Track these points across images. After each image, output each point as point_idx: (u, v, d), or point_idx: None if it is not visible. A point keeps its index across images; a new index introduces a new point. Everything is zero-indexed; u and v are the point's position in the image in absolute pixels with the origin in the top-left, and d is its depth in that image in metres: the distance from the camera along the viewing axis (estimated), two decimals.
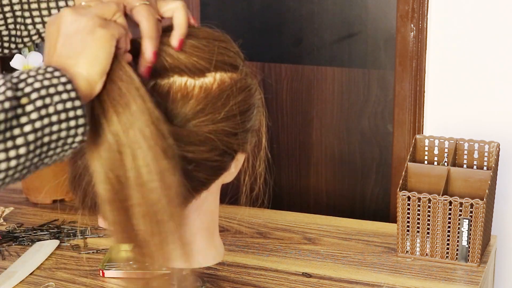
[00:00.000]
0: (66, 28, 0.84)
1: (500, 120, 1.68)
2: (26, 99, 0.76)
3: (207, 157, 0.95)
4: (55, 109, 0.78)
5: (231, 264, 1.41)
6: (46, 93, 0.78)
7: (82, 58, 0.82)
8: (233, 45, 1.00)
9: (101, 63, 0.83)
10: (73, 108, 0.79)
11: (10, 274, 1.36)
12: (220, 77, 0.97)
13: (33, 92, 0.77)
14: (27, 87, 0.77)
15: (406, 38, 1.72)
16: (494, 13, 1.64)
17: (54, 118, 0.78)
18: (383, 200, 1.92)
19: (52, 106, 0.78)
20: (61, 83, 0.79)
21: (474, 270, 1.40)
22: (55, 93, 0.78)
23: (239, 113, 0.97)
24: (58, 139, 0.79)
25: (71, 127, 0.79)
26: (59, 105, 0.78)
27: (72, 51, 0.83)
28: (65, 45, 0.83)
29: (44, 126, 0.77)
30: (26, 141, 0.76)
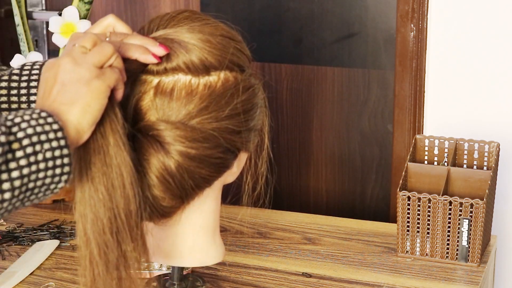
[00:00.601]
0: (64, 76, 0.85)
1: (500, 120, 1.68)
2: (17, 144, 0.77)
3: (210, 153, 0.95)
4: (44, 157, 0.79)
5: (231, 264, 1.41)
6: (37, 140, 0.79)
7: (75, 107, 0.84)
8: (245, 46, 1.01)
9: (93, 114, 0.85)
10: (61, 156, 0.81)
11: (10, 274, 1.36)
12: (224, 75, 0.97)
13: (25, 138, 0.78)
14: (20, 132, 0.78)
15: (406, 38, 1.73)
16: (494, 13, 1.64)
17: (42, 166, 0.79)
18: (383, 200, 1.92)
19: (41, 154, 0.79)
20: (52, 130, 0.80)
21: (474, 270, 1.40)
22: (46, 140, 0.79)
23: (243, 111, 0.97)
24: (42, 185, 0.81)
25: (56, 174, 0.81)
26: (48, 153, 0.79)
27: (66, 98, 0.84)
28: (61, 93, 0.84)
29: (31, 173, 0.78)
30: (12, 187, 0.77)
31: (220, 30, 0.98)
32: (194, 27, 0.96)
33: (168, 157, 0.93)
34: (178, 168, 0.94)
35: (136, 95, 0.95)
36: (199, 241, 1.05)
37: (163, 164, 0.93)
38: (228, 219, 1.59)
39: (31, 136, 0.78)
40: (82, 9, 1.63)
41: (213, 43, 0.96)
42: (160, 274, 1.25)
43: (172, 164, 0.93)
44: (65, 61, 0.85)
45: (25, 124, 0.79)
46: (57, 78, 0.85)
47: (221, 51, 0.96)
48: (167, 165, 0.93)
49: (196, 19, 0.98)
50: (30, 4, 2.08)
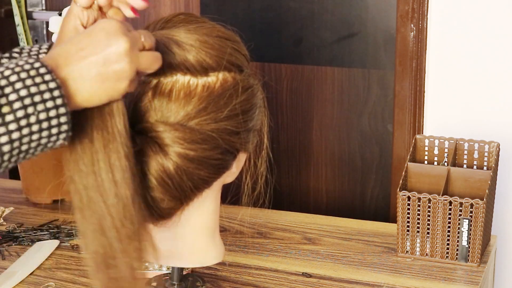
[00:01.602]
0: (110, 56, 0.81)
1: (500, 120, 1.68)
2: (7, 108, 0.76)
3: (209, 155, 0.95)
4: (37, 119, 0.77)
5: (231, 264, 1.41)
6: (30, 102, 0.77)
7: (88, 85, 0.81)
8: (243, 46, 1.01)
9: (99, 99, 0.83)
10: (57, 116, 0.78)
11: (10, 274, 1.36)
12: (223, 76, 0.97)
13: (17, 101, 0.76)
14: (12, 94, 0.76)
15: (406, 38, 1.73)
16: (494, 13, 1.64)
17: (35, 128, 0.77)
18: (383, 200, 1.92)
19: (34, 116, 0.77)
20: (48, 90, 0.78)
21: (474, 270, 1.40)
22: (40, 101, 0.77)
23: (242, 112, 0.97)
24: (38, 145, 0.79)
25: (53, 134, 0.79)
26: (41, 114, 0.77)
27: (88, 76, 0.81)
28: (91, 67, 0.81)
29: (22, 136, 0.77)
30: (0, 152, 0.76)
31: (216, 31, 0.98)
32: (190, 29, 0.96)
33: (167, 159, 0.93)
34: (177, 169, 0.94)
35: (135, 96, 0.95)
36: (199, 242, 1.05)
37: (162, 166, 0.93)
38: (228, 219, 1.59)
39: (24, 98, 0.76)
40: None
41: (210, 44, 0.95)
42: (160, 274, 1.25)
43: (171, 165, 0.93)
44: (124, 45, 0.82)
45: (20, 84, 0.76)
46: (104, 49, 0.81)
47: (218, 52, 0.96)
48: (166, 167, 0.93)
49: (192, 21, 0.98)
50: (30, 4, 2.08)
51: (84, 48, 0.81)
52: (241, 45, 1.01)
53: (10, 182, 1.85)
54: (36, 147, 0.79)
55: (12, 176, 2.09)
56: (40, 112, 0.77)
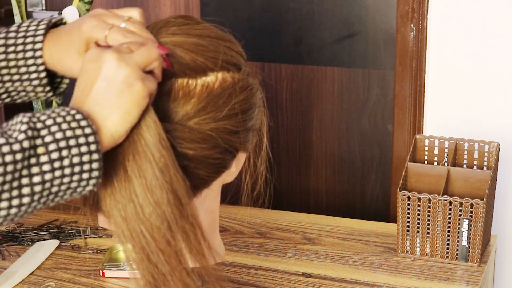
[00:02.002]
0: (108, 73, 0.82)
1: (500, 120, 1.68)
2: (43, 149, 0.76)
3: (208, 154, 0.95)
4: (71, 162, 0.77)
5: (231, 264, 1.41)
6: (65, 145, 0.77)
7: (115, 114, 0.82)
8: (237, 45, 1.01)
9: (132, 121, 0.83)
10: (90, 161, 0.79)
11: (10, 274, 1.36)
12: (222, 76, 0.97)
13: (52, 143, 0.77)
14: (48, 136, 0.77)
15: (406, 38, 1.73)
16: (494, 13, 1.64)
17: (67, 171, 0.78)
18: (383, 200, 1.92)
19: (67, 159, 0.77)
20: (83, 135, 0.78)
21: (474, 270, 1.40)
22: (75, 145, 0.78)
23: (241, 111, 0.97)
24: (67, 189, 0.79)
25: (83, 179, 0.80)
26: (75, 158, 0.78)
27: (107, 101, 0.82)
28: (101, 92, 0.82)
29: (54, 178, 0.77)
30: (32, 192, 0.76)
31: (207, 31, 0.98)
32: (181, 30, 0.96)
33: None
34: None
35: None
36: None
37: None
38: (228, 219, 1.59)
39: (59, 141, 0.77)
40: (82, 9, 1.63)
41: (202, 45, 0.95)
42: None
43: None
44: (111, 56, 0.83)
45: (56, 128, 0.77)
46: (100, 73, 0.82)
47: (212, 52, 0.96)
48: None
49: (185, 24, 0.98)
50: (30, 4, 2.08)
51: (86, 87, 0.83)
52: (235, 44, 1.01)
53: None
54: (65, 191, 0.79)
55: None
56: (74, 156, 0.78)
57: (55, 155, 0.77)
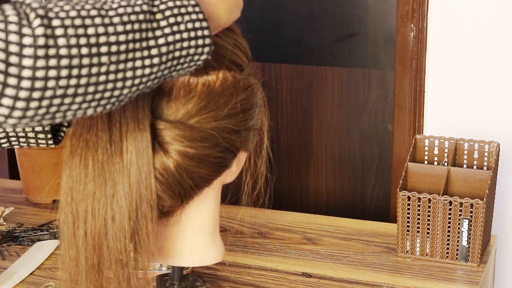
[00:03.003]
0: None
1: (500, 120, 1.68)
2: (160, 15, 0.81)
3: (209, 153, 0.95)
4: (186, 27, 0.83)
5: (231, 264, 1.41)
6: (178, 12, 0.83)
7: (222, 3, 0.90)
8: (245, 44, 1.01)
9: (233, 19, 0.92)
10: (201, 28, 0.84)
11: (10, 274, 1.36)
12: (223, 75, 0.97)
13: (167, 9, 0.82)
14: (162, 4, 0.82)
15: (406, 38, 1.73)
16: (494, 13, 1.64)
17: (185, 35, 0.83)
18: (383, 200, 1.92)
19: (183, 24, 0.83)
20: (190, 5, 0.84)
21: (474, 270, 1.39)
22: (186, 13, 0.83)
23: (242, 111, 0.97)
24: (187, 55, 0.84)
25: (199, 45, 0.85)
26: (189, 24, 0.83)
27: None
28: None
29: (176, 41, 0.82)
30: (159, 53, 0.80)
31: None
32: None
33: (167, 157, 0.93)
34: (177, 167, 0.94)
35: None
36: (199, 241, 1.04)
37: (162, 163, 0.93)
38: (228, 219, 1.59)
39: (172, 8, 0.82)
40: None
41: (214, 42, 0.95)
42: (160, 274, 1.25)
43: (171, 163, 0.93)
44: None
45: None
46: None
47: (220, 50, 0.96)
48: (166, 165, 0.93)
49: None
50: None
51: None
52: (243, 42, 1.01)
53: (10, 182, 1.85)
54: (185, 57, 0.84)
55: (12, 176, 2.09)
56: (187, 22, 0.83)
57: (172, 19, 0.82)
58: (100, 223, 0.88)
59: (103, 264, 0.89)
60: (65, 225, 0.91)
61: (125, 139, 0.89)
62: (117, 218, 0.88)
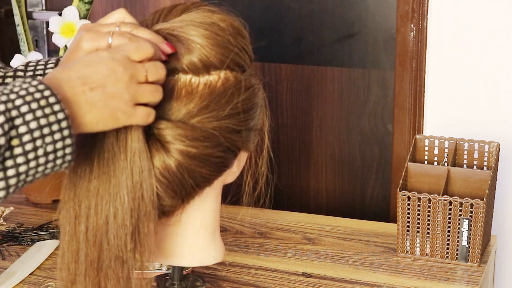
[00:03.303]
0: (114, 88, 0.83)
1: (500, 120, 1.68)
2: (17, 141, 0.75)
3: (210, 152, 0.95)
4: (45, 151, 0.77)
5: (231, 264, 1.41)
6: (39, 135, 0.76)
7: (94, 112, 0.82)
8: (249, 46, 1.01)
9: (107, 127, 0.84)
10: (63, 147, 0.78)
11: (10, 274, 1.36)
12: (225, 75, 0.97)
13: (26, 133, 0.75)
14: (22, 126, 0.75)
15: (406, 38, 1.73)
16: (494, 13, 1.64)
17: (42, 160, 0.77)
18: (383, 200, 1.92)
19: (41, 149, 0.77)
20: (57, 121, 0.77)
21: (474, 270, 1.40)
22: (49, 133, 0.77)
23: (243, 111, 0.97)
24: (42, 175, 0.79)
25: (57, 164, 0.79)
26: (49, 147, 0.77)
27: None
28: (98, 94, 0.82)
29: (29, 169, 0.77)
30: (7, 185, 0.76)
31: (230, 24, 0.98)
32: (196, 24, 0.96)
33: (169, 156, 0.93)
34: (179, 167, 0.94)
35: None
36: (199, 241, 1.04)
37: (163, 162, 0.93)
38: (228, 219, 1.59)
39: (33, 131, 0.76)
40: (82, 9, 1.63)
41: (217, 43, 0.95)
42: (160, 274, 1.25)
43: (172, 163, 0.93)
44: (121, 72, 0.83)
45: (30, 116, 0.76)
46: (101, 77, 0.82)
47: (225, 50, 0.96)
48: (167, 164, 0.93)
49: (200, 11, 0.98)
50: (30, 4, 2.08)
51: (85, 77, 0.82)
52: (248, 44, 1.01)
53: None
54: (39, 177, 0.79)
55: None
56: (48, 144, 0.77)
57: (29, 146, 0.76)
58: (102, 220, 0.88)
59: (102, 261, 0.89)
60: (66, 221, 0.91)
61: (130, 137, 0.88)
62: (119, 215, 0.88)
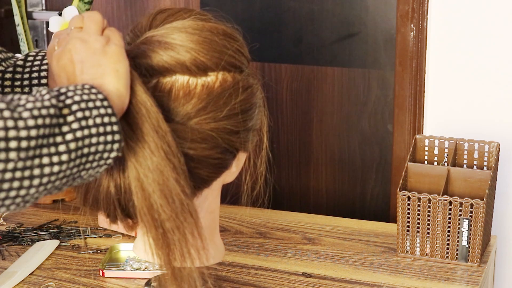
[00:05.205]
0: (79, 56, 0.87)
1: (500, 120, 1.68)
2: (67, 110, 0.79)
3: (208, 154, 0.95)
4: (94, 122, 0.80)
5: (231, 264, 1.41)
6: (85, 106, 0.80)
7: (106, 77, 0.86)
8: (245, 47, 1.01)
9: (124, 77, 0.87)
10: (110, 123, 0.82)
11: (10, 274, 1.36)
12: (222, 76, 0.97)
13: (73, 104, 0.80)
14: (67, 99, 0.80)
15: (406, 38, 1.73)
16: (494, 13, 1.64)
17: (94, 130, 0.80)
18: (383, 200, 1.92)
19: (91, 119, 0.80)
20: (98, 99, 0.82)
21: (474, 270, 1.40)
22: (94, 107, 0.81)
23: (241, 111, 0.97)
24: (96, 152, 0.81)
25: (108, 141, 0.82)
26: (97, 119, 0.81)
27: (93, 74, 0.86)
28: (84, 70, 0.86)
29: (84, 137, 0.79)
30: (67, 149, 0.78)
31: (221, 30, 0.98)
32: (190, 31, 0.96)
33: None
34: None
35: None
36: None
37: None
38: (228, 219, 1.59)
39: (79, 102, 0.80)
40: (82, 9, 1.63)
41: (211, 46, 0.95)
42: (160, 274, 1.25)
43: None
44: (72, 43, 0.87)
45: (72, 93, 0.81)
46: (73, 61, 0.87)
47: (219, 53, 0.96)
48: None
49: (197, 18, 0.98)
50: (30, 4, 2.08)
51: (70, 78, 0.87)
52: (243, 46, 1.01)
53: None
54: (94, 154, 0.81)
55: None
56: (96, 116, 0.81)
57: (80, 114, 0.80)
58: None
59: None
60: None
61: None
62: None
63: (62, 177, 0.78)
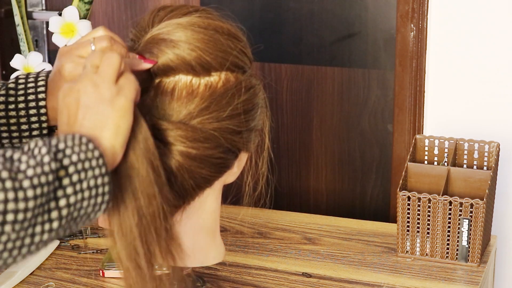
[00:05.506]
0: (86, 100, 0.83)
1: (500, 120, 1.68)
2: (63, 171, 0.76)
3: (211, 153, 0.96)
4: (88, 185, 0.78)
5: (232, 264, 1.41)
6: (81, 167, 0.78)
7: (106, 130, 0.83)
8: (248, 48, 1.01)
9: (123, 134, 0.84)
10: (102, 184, 0.80)
11: (10, 274, 1.36)
12: (225, 76, 0.97)
13: (70, 165, 0.77)
14: (65, 159, 0.77)
15: (406, 38, 1.73)
16: (494, 13, 1.64)
17: (86, 194, 0.78)
18: (383, 200, 1.92)
19: (85, 181, 0.78)
20: (94, 158, 0.79)
21: (474, 270, 1.40)
22: (89, 167, 0.78)
23: (244, 112, 0.97)
24: (84, 214, 0.79)
25: (97, 203, 0.80)
26: (91, 181, 0.79)
27: (94, 123, 0.83)
28: (87, 117, 0.83)
29: (76, 202, 0.77)
30: (59, 215, 0.76)
31: (226, 29, 0.98)
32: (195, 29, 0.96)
33: (169, 157, 0.93)
34: (179, 168, 0.94)
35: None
36: (199, 241, 1.05)
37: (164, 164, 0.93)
38: (228, 219, 1.59)
39: (76, 163, 0.77)
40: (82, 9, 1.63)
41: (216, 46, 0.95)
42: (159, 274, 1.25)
43: (173, 164, 0.94)
44: (84, 84, 0.84)
45: (70, 151, 0.78)
46: (79, 102, 0.83)
47: (224, 53, 0.96)
48: (167, 165, 0.93)
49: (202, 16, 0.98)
50: (30, 4, 2.08)
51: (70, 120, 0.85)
52: (247, 46, 1.01)
53: None
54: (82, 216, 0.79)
55: None
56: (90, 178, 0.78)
57: (75, 177, 0.77)
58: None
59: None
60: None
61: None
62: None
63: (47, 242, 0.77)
